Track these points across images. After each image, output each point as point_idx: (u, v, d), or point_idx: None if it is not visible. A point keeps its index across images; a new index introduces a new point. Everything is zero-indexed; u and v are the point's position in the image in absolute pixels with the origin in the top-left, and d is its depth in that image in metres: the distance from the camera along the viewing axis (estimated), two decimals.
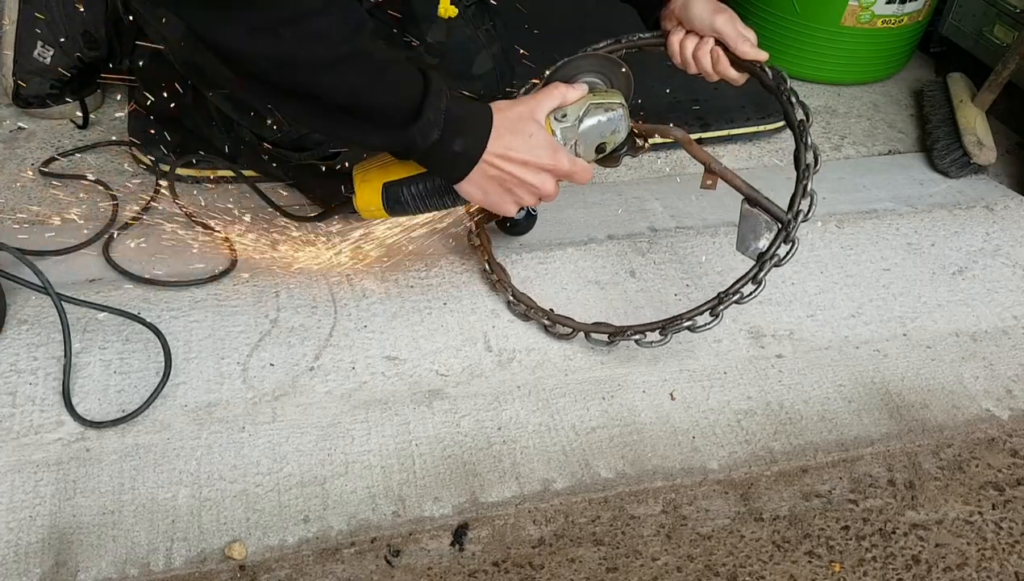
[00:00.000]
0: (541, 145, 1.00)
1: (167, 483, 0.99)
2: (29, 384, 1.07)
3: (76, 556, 0.92)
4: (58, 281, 1.12)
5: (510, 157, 0.99)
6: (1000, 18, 1.79)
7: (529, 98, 1.03)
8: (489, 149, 0.98)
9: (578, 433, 1.10)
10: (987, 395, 1.22)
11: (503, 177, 1.00)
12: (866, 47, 1.88)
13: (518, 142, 0.99)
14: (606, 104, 1.05)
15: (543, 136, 1.01)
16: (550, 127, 1.03)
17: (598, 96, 1.06)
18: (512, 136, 0.99)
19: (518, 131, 0.99)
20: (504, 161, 0.99)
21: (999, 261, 1.44)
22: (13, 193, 1.38)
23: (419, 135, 0.92)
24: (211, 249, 1.29)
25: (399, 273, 1.28)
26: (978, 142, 1.62)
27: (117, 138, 1.51)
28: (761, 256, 1.08)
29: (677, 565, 1.00)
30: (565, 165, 1.02)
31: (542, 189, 1.02)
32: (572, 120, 1.04)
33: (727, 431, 1.13)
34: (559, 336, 1.21)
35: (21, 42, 1.45)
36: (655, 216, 1.47)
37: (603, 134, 1.06)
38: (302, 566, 0.95)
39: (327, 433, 1.06)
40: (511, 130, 0.99)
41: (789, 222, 1.06)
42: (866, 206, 1.54)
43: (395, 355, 1.17)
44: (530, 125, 1.00)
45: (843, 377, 1.22)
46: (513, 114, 1.00)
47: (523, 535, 1.01)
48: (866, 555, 1.03)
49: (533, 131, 1.00)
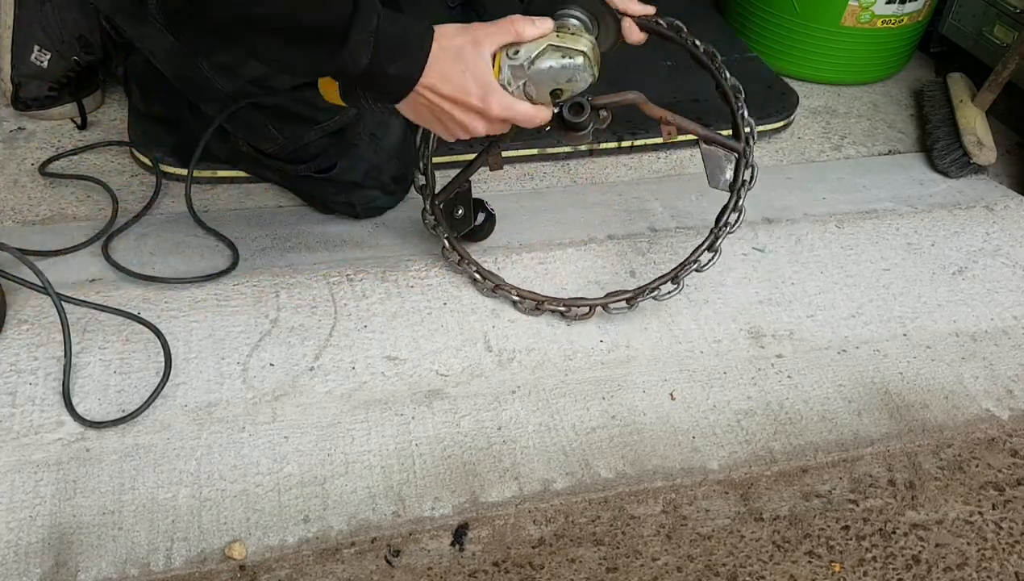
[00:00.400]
0: (478, 83, 0.94)
1: (167, 483, 0.99)
2: (29, 384, 1.07)
3: (76, 556, 0.92)
4: (58, 281, 1.12)
5: (439, 91, 0.94)
6: (1000, 18, 1.79)
7: (479, 27, 0.96)
8: (422, 79, 0.92)
9: (578, 433, 1.10)
10: (987, 395, 1.22)
11: (433, 107, 0.96)
12: (866, 47, 1.88)
13: (452, 74, 0.93)
14: (565, 49, 0.98)
15: (478, 73, 0.94)
16: (499, 62, 0.97)
17: (562, 38, 0.98)
18: (447, 67, 0.93)
19: (455, 63, 0.93)
20: (433, 93, 0.94)
21: (999, 261, 1.44)
22: (13, 193, 1.38)
23: (348, 58, 0.88)
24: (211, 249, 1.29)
25: (399, 273, 1.28)
26: (978, 142, 1.62)
27: (117, 137, 1.51)
28: (732, 185, 1.17)
29: (677, 565, 1.00)
30: (495, 109, 0.96)
31: (471, 128, 0.98)
32: (523, 60, 0.97)
33: (727, 431, 1.13)
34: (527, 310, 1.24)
35: (18, 46, 1.45)
36: (655, 216, 1.47)
37: (557, 80, 0.99)
38: (302, 566, 0.95)
39: (327, 433, 1.06)
40: (448, 60, 0.93)
41: (744, 149, 1.16)
42: (866, 206, 1.54)
43: (395, 355, 1.17)
44: (470, 58, 0.94)
45: (843, 377, 1.22)
46: (455, 43, 0.94)
47: (523, 535, 1.01)
48: (866, 555, 1.03)
49: (470, 65, 0.94)
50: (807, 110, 1.84)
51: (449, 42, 0.93)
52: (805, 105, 1.84)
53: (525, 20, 0.97)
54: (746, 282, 1.34)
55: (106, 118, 1.57)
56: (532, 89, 0.99)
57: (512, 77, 0.98)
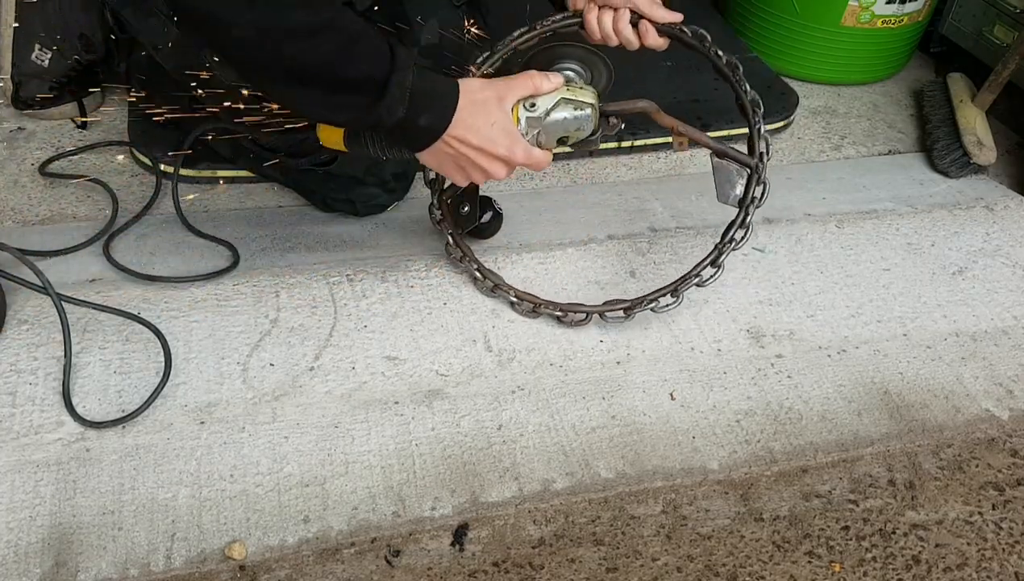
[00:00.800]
0: (501, 134, 1.01)
1: (167, 483, 0.99)
2: (29, 384, 1.07)
3: (76, 556, 0.92)
4: (58, 281, 1.12)
5: (468, 141, 1.00)
6: (1000, 18, 1.79)
7: (501, 82, 1.03)
8: (450, 130, 0.99)
9: (578, 433, 1.10)
10: (987, 395, 1.22)
11: (458, 156, 1.02)
12: (866, 47, 1.88)
13: (479, 126, 1.00)
14: (577, 102, 1.06)
15: (505, 125, 1.01)
16: (517, 114, 1.04)
17: (572, 91, 1.07)
18: (474, 119, 0.99)
19: (481, 115, 1.00)
20: (461, 144, 1.00)
21: (999, 261, 1.44)
22: (13, 193, 1.38)
23: (385, 111, 0.93)
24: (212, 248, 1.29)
25: (399, 273, 1.28)
26: (978, 142, 1.62)
27: (118, 137, 1.51)
28: (742, 201, 1.15)
29: (677, 565, 1.00)
30: (519, 157, 1.03)
31: (493, 174, 1.04)
32: (540, 112, 1.05)
33: (727, 431, 1.13)
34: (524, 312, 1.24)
35: (19, 45, 1.45)
36: (655, 216, 1.47)
37: (568, 129, 1.07)
38: (302, 566, 0.95)
39: (327, 433, 1.06)
40: (474, 113, 0.99)
41: (757, 165, 1.14)
42: (866, 206, 1.54)
43: (395, 355, 1.17)
44: (495, 112, 1.01)
45: (843, 377, 1.22)
46: (480, 97, 1.00)
47: (523, 535, 1.01)
48: (866, 555, 1.03)
49: (496, 119, 1.01)
50: (807, 110, 1.84)
51: (476, 96, 1.00)
52: (805, 105, 1.84)
53: (541, 76, 1.05)
54: (746, 282, 1.34)
55: (106, 118, 1.57)
56: (543, 137, 1.07)
57: (528, 127, 1.05)
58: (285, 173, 1.37)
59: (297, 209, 1.41)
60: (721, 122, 1.62)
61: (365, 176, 1.32)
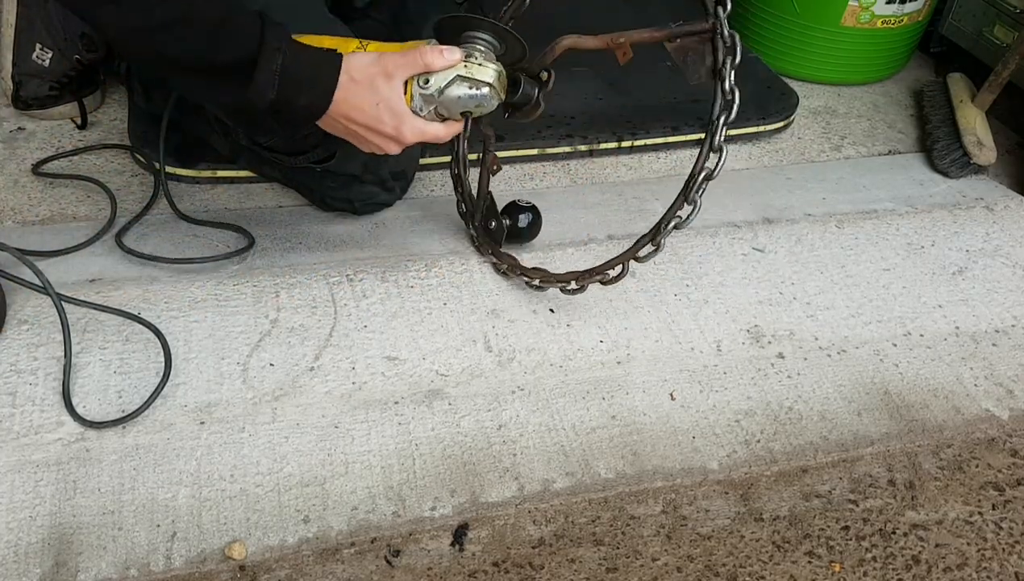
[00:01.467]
0: (386, 113, 1.00)
1: (167, 483, 0.99)
2: (29, 384, 1.07)
3: (76, 556, 0.92)
4: (58, 281, 1.12)
5: (353, 119, 1.00)
6: (1000, 18, 1.79)
7: (388, 58, 1.01)
8: (332, 110, 0.99)
9: (578, 433, 1.10)
10: (987, 395, 1.22)
11: (347, 131, 1.03)
12: (866, 47, 1.88)
13: (363, 105, 0.99)
14: (473, 80, 1.03)
15: (391, 103, 1.00)
16: (412, 90, 1.02)
17: (470, 68, 1.03)
18: (357, 99, 0.99)
19: (365, 94, 0.99)
20: (348, 121, 1.01)
21: (999, 261, 1.44)
22: (13, 193, 1.38)
23: (256, 95, 0.94)
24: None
25: (399, 273, 1.28)
26: (978, 142, 1.62)
27: (117, 137, 1.51)
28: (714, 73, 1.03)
29: (677, 565, 1.00)
30: (408, 136, 1.03)
31: (385, 149, 1.05)
32: (433, 89, 1.02)
33: (727, 431, 1.13)
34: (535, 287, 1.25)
35: (19, 45, 1.45)
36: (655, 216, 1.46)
37: (467, 105, 1.05)
38: (302, 566, 0.95)
39: (327, 433, 1.06)
40: (357, 93, 0.99)
41: (714, 24, 1.00)
42: (866, 206, 1.54)
43: (395, 355, 1.17)
44: (382, 89, 1.00)
45: (843, 377, 1.22)
46: (365, 74, 0.99)
47: (523, 535, 1.01)
48: (866, 555, 1.03)
49: (383, 97, 1.00)
50: (807, 110, 1.84)
51: (360, 74, 0.99)
52: (805, 105, 1.84)
53: (434, 51, 1.02)
54: (746, 282, 1.34)
55: (106, 118, 1.57)
56: (444, 111, 1.05)
57: (424, 103, 1.04)
58: (284, 171, 1.37)
59: (297, 209, 1.41)
60: (695, 127, 1.63)
61: (363, 173, 1.32)
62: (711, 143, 1.05)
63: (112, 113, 1.58)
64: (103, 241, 1.27)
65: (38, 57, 1.46)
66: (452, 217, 1.37)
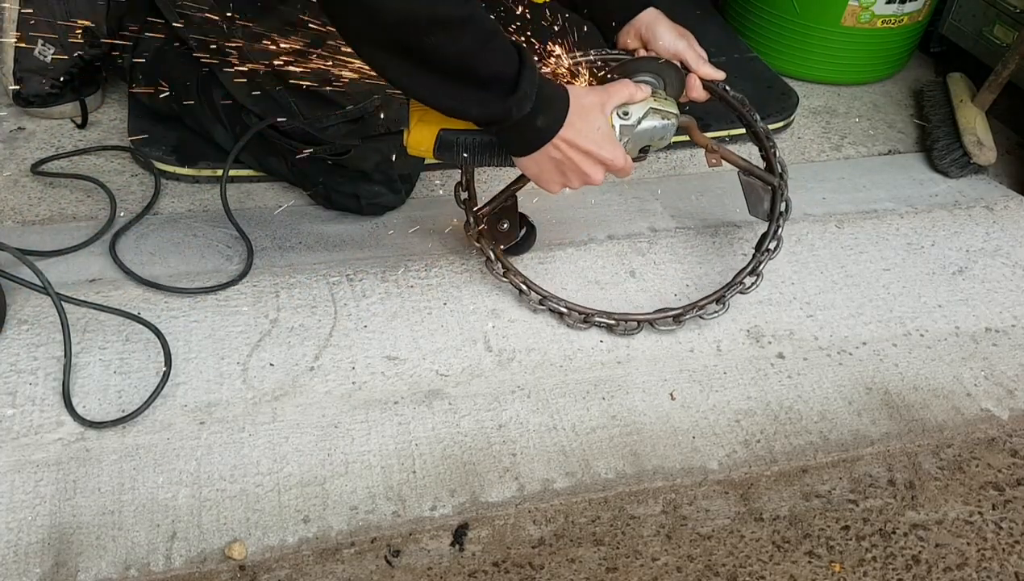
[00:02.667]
0: (605, 138, 1.04)
1: (167, 483, 0.99)
2: (29, 384, 1.07)
3: (76, 556, 0.92)
4: (58, 281, 1.12)
5: (576, 144, 1.02)
6: (1000, 18, 1.79)
7: (601, 89, 1.06)
8: (561, 132, 1.01)
9: (578, 433, 1.10)
10: (987, 395, 1.22)
11: (563, 160, 1.04)
12: (866, 47, 1.88)
13: (586, 130, 1.02)
14: (664, 112, 1.09)
15: (606, 130, 1.04)
16: (612, 121, 1.06)
17: (659, 101, 1.10)
18: (582, 124, 1.02)
19: (587, 120, 1.03)
20: (569, 147, 1.02)
21: (999, 261, 1.44)
22: (13, 193, 1.38)
23: (515, 107, 0.95)
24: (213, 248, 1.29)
25: (399, 273, 1.28)
26: (978, 142, 1.62)
27: (117, 137, 1.51)
28: (770, 214, 1.25)
29: (677, 565, 1.00)
30: (620, 161, 1.06)
31: (593, 178, 1.06)
32: (633, 120, 1.08)
33: (727, 431, 1.13)
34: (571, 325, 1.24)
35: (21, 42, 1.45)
36: (655, 216, 1.47)
37: (652, 138, 1.10)
38: (302, 566, 0.95)
39: (327, 433, 1.06)
40: (582, 117, 1.02)
41: (778, 184, 1.25)
42: (866, 206, 1.54)
43: (395, 355, 1.17)
44: (598, 117, 1.04)
45: (843, 377, 1.22)
46: (587, 102, 1.03)
47: (523, 535, 1.01)
48: (866, 555, 1.03)
49: (600, 123, 1.04)
50: (807, 110, 1.84)
51: (583, 101, 1.03)
52: (805, 105, 1.84)
53: (634, 85, 1.09)
54: None
55: (106, 118, 1.57)
56: (630, 145, 1.10)
57: (621, 134, 1.08)
58: (290, 163, 1.36)
59: (297, 209, 1.40)
60: (721, 123, 1.62)
61: (374, 172, 1.32)
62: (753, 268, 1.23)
63: (112, 113, 1.58)
64: (103, 241, 1.27)
65: (40, 53, 1.45)
66: (452, 217, 1.37)
